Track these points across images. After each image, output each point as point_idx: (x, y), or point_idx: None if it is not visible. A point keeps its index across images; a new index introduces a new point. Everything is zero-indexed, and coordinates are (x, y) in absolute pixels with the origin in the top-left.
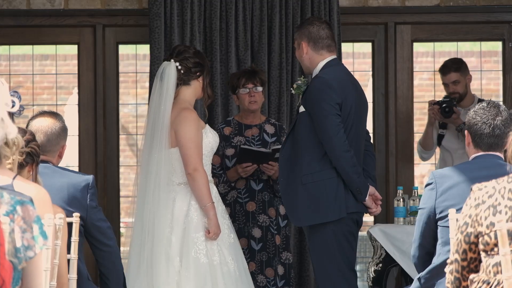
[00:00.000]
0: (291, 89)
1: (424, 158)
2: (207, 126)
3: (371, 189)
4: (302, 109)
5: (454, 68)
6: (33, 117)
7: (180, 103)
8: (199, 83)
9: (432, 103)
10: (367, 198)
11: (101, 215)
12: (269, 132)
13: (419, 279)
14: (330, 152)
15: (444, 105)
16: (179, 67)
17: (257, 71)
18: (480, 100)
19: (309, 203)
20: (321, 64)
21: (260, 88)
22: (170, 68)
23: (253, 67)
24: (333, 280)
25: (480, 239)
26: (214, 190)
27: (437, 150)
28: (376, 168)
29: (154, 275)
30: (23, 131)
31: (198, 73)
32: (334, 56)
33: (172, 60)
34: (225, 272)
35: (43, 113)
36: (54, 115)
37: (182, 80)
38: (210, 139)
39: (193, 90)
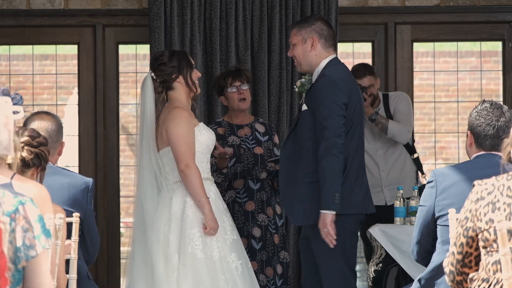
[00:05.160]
0: (295, 86)
1: None
2: (201, 124)
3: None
4: (304, 107)
5: (368, 72)
6: (29, 119)
7: (173, 103)
8: (181, 84)
9: None
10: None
11: (95, 221)
12: (260, 131)
13: (419, 280)
14: (324, 149)
15: None
16: (155, 77)
17: (242, 69)
18: (385, 96)
19: (310, 201)
20: (324, 62)
21: (247, 86)
22: (147, 79)
23: (237, 66)
24: (334, 280)
25: (479, 235)
26: (213, 188)
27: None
28: None
29: (154, 274)
30: (36, 133)
31: (174, 76)
32: (335, 55)
33: (150, 71)
34: (226, 268)
35: (38, 113)
36: (49, 114)
37: (164, 87)
38: (205, 136)
39: (180, 90)
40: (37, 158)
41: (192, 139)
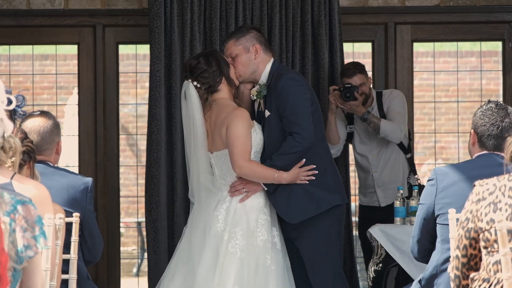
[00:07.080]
0: (252, 96)
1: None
2: (255, 123)
3: None
4: (267, 113)
5: (358, 70)
6: (24, 120)
7: (227, 103)
8: (224, 84)
9: (333, 89)
10: None
11: (95, 221)
12: None
13: (419, 281)
14: (297, 145)
15: (345, 90)
16: (198, 86)
17: None
18: (379, 93)
19: (301, 196)
20: (268, 66)
21: None
22: (190, 90)
23: None
24: (328, 280)
25: (480, 235)
26: (262, 200)
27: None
28: None
29: (197, 270)
30: (16, 131)
31: (219, 79)
32: (273, 58)
33: (190, 80)
34: (271, 271)
35: (32, 114)
36: (44, 113)
37: (209, 92)
38: (260, 135)
39: (225, 90)
40: (26, 155)
41: (249, 140)
